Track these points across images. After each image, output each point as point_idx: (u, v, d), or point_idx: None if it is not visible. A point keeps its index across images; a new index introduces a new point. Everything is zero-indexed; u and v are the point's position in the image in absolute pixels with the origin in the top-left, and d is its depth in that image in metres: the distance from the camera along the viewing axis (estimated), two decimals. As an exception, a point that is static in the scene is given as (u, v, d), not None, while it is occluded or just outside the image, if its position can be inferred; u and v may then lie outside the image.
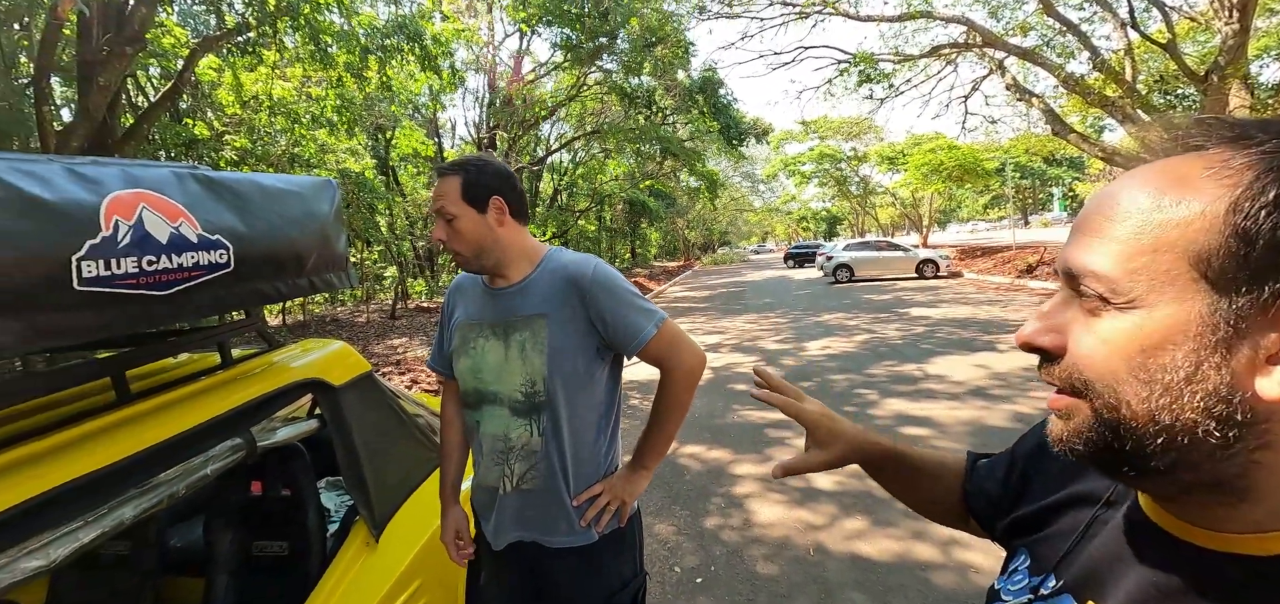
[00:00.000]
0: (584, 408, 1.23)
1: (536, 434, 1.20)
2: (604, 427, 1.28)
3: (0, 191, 0.81)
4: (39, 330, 0.85)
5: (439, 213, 1.19)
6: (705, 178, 26.23)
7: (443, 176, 1.21)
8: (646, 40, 16.94)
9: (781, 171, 37.78)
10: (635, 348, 1.21)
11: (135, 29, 7.19)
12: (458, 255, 1.21)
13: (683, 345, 1.26)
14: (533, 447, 1.21)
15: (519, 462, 1.22)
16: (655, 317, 1.24)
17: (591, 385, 1.24)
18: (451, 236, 1.19)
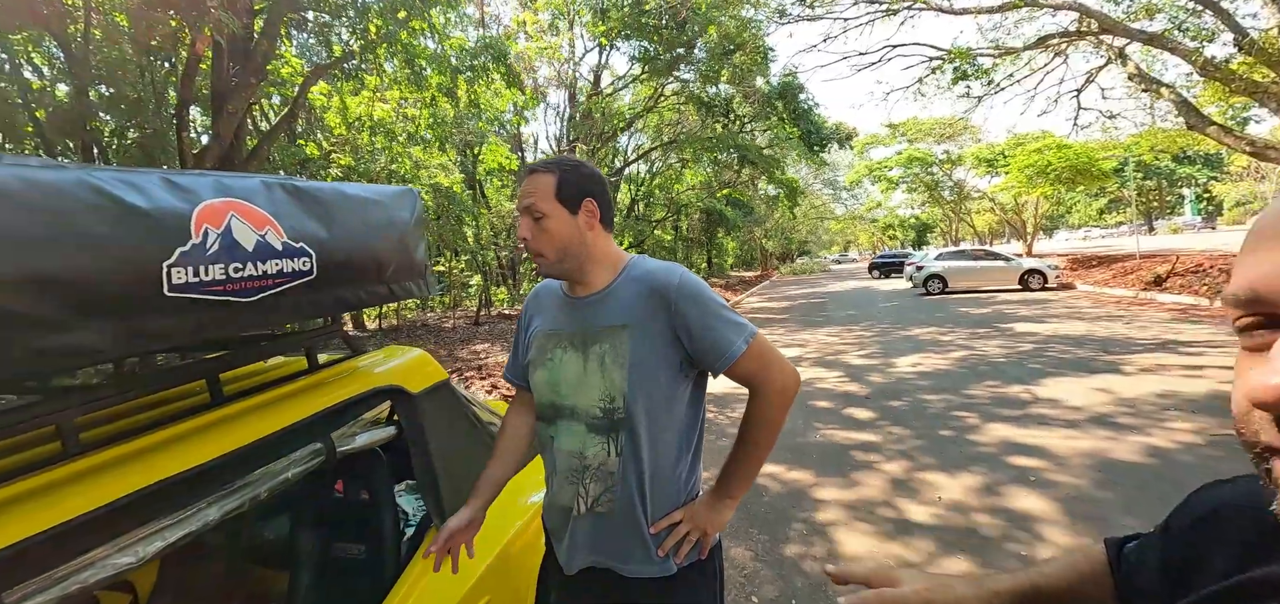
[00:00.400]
0: (665, 427, 1.15)
1: (614, 453, 1.13)
2: (686, 448, 1.19)
3: (100, 199, 0.84)
4: (132, 334, 0.88)
5: (527, 210, 1.13)
6: (784, 185, 25.59)
7: (535, 174, 1.15)
8: (724, 48, 16.80)
9: (866, 177, 36.17)
10: (723, 364, 1.11)
11: (258, 62, 7.97)
12: (539, 257, 1.16)
13: (775, 363, 1.15)
14: (609, 467, 1.14)
15: (594, 482, 1.15)
16: (745, 331, 1.13)
17: (673, 403, 1.15)
18: (537, 236, 1.13)
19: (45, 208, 0.78)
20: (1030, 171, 21.08)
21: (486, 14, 17.21)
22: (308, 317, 1.19)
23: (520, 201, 1.14)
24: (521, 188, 1.16)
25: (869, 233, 66.93)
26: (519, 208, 1.15)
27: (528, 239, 1.14)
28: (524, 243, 1.15)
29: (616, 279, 1.19)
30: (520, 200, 1.14)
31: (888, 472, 3.78)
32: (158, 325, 0.90)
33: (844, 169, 42.31)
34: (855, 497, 3.45)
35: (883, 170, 33.66)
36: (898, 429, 4.64)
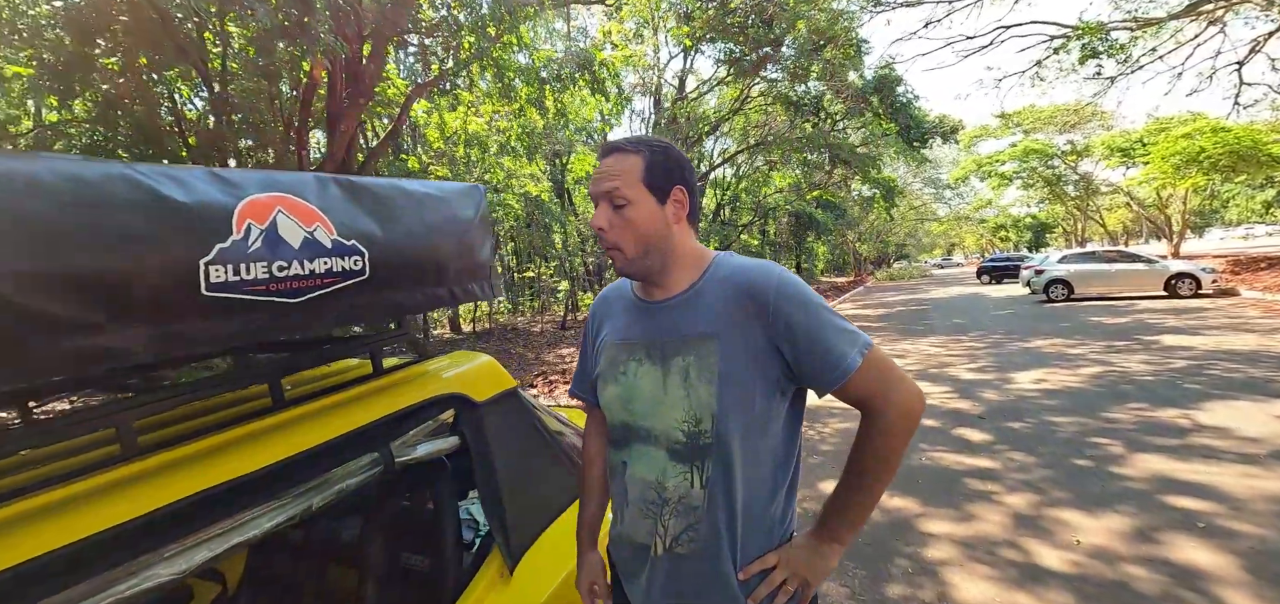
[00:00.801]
0: (759, 455, 0.97)
1: (698, 485, 0.96)
2: (781, 480, 1.00)
3: (135, 193, 0.79)
4: (167, 337, 0.82)
5: (607, 196, 0.98)
6: (880, 185, 24.13)
7: (620, 153, 0.99)
8: (814, 43, 16.10)
9: (973, 174, 33.34)
10: (834, 382, 0.92)
11: (367, 84, 8.59)
12: (615, 252, 1.00)
13: (896, 380, 0.94)
14: (693, 501, 0.97)
15: (675, 518, 0.99)
16: (859, 341, 0.93)
17: (769, 426, 0.97)
18: (616, 226, 0.98)
19: (76, 201, 0.74)
20: (1177, 160, 18.40)
21: (573, 28, 17.66)
22: (360, 321, 1.11)
23: (597, 184, 0.99)
24: (600, 168, 0.99)
25: (976, 235, 61.67)
26: (595, 192, 0.99)
27: (604, 230, 0.98)
28: (599, 234, 0.99)
29: (701, 279, 1.02)
30: (597, 183, 0.99)
31: (1010, 505, 3.30)
32: (195, 328, 0.85)
33: (948, 166, 39.32)
34: (971, 532, 3.03)
35: (993, 165, 30.85)
36: (1020, 455, 4.07)
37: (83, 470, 0.90)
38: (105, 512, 0.85)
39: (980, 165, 31.98)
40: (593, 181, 1.00)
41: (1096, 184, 31.52)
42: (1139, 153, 21.71)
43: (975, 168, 32.47)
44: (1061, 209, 36.47)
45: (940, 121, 21.61)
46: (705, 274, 1.03)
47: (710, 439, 0.94)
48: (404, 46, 9.59)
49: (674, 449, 0.98)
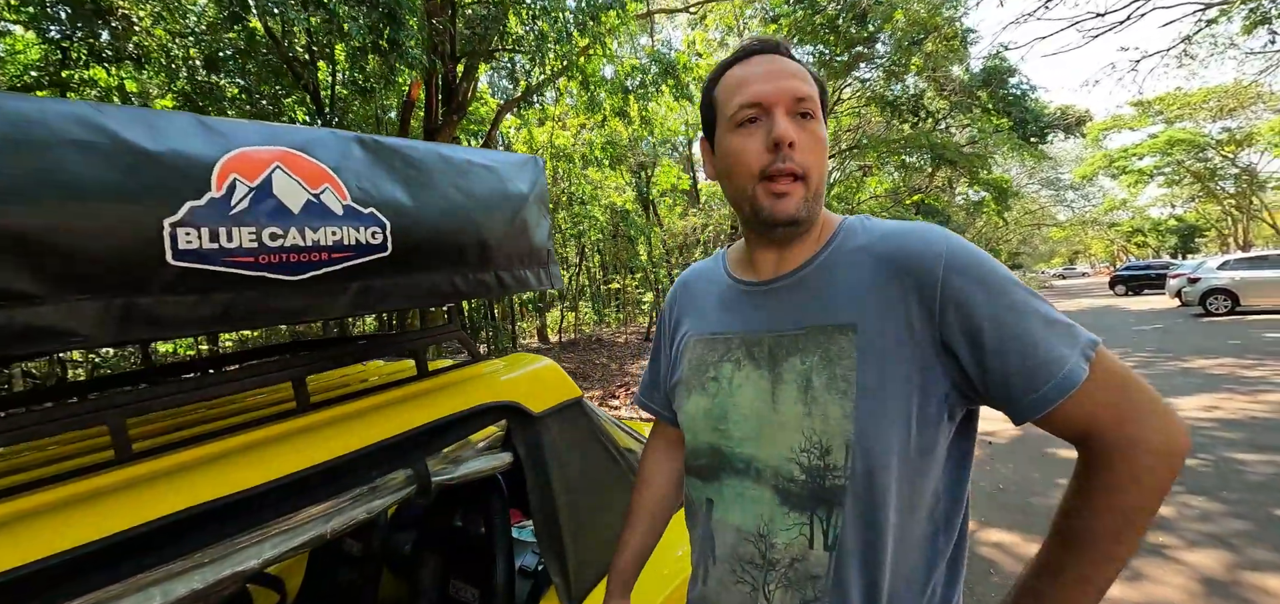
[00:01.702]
0: (914, 508, 0.66)
1: (823, 544, 0.66)
2: (943, 548, 0.68)
3: (88, 135, 0.63)
4: (123, 315, 0.65)
5: (797, 102, 0.68)
6: (990, 187, 22.03)
7: (782, 55, 0.71)
8: (912, 37, 15.03)
9: (1102, 171, 29.74)
10: (1043, 402, 0.60)
11: (459, 101, 8.96)
12: (795, 182, 0.68)
13: (1146, 402, 0.60)
14: (813, 566, 0.67)
15: (785, 588, 0.69)
16: (1081, 339, 0.61)
17: (929, 466, 0.65)
18: (805, 146, 0.68)
19: (14, 142, 0.58)
20: (1379, 144, 15.27)
21: (658, 40, 17.68)
22: (379, 305, 0.92)
23: (773, 82, 0.68)
24: (769, 66, 0.70)
25: (1105, 240, 54.90)
26: (772, 91, 0.68)
27: (794, 145, 0.67)
28: (784, 152, 0.67)
29: (827, 249, 0.73)
30: (773, 80, 0.68)
31: (1193, 564, 2.63)
32: (159, 304, 0.67)
33: (1070, 164, 35.40)
34: (1143, 598, 2.42)
35: (1128, 160, 27.35)
36: (1199, 501, 3.30)
37: (68, 475, 0.77)
38: (89, 522, 0.70)
39: (1111, 161, 28.43)
40: (765, 79, 0.69)
41: (1263, 177, 27.02)
42: (1323, 138, 18.32)
43: (1105, 164, 28.91)
44: (1216, 208, 31.64)
45: (1062, 113, 19.47)
46: (832, 242, 0.73)
47: (842, 479, 0.64)
48: (495, 65, 9.93)
49: (787, 491, 0.69)
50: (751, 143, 0.69)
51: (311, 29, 5.37)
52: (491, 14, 7.11)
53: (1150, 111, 25.16)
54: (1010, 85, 17.35)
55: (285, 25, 6.38)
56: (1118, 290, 24.06)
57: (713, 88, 0.76)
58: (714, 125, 0.76)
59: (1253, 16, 10.80)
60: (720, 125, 0.74)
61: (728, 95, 0.72)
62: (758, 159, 0.68)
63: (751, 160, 0.69)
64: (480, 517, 1.42)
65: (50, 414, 0.76)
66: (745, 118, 0.69)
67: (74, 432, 1.00)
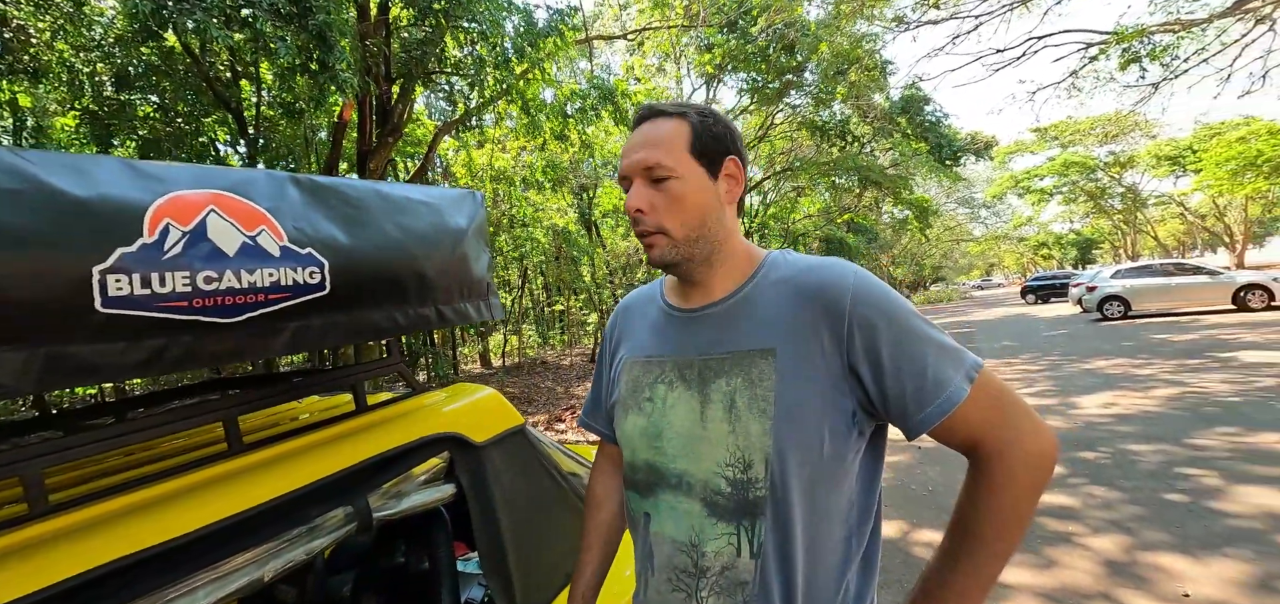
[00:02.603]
0: (828, 516, 0.73)
1: (749, 552, 0.73)
2: (855, 550, 0.76)
3: (11, 183, 0.62)
4: (49, 363, 0.64)
5: (645, 171, 0.77)
6: (913, 206, 23.52)
7: (656, 119, 0.80)
8: (838, 67, 15.93)
9: (1010, 191, 32.32)
10: (932, 416, 0.69)
11: (395, 122, 8.74)
12: (656, 236, 0.78)
13: (1019, 415, 0.70)
14: (741, 573, 0.73)
15: (716, 596, 0.75)
16: (966, 362, 0.70)
17: (841, 477, 0.73)
18: (657, 205, 0.77)
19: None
20: (1233, 165, 17.42)
21: (597, 65, 17.93)
22: (319, 344, 0.92)
23: (630, 156, 0.78)
24: (634, 138, 0.80)
25: (1016, 254, 59.65)
26: (627, 166, 0.79)
27: (643, 212, 0.77)
28: (635, 217, 0.78)
29: (751, 281, 0.81)
30: (630, 155, 0.79)
31: (1097, 549, 2.89)
32: (87, 352, 0.67)
33: (982, 184, 38.26)
34: (1055, 583, 2.64)
35: (1031, 181, 29.87)
36: (1101, 490, 3.64)
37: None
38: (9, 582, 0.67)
39: (1017, 181, 30.97)
40: (624, 155, 0.80)
41: (1144, 196, 30.15)
42: (1190, 161, 20.71)
43: (1012, 184, 31.46)
44: (1107, 224, 34.97)
45: (972, 138, 21.06)
46: (756, 274, 0.81)
47: (763, 490, 0.71)
48: (433, 87, 9.78)
49: (714, 503, 0.75)
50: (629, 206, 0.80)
51: (235, 47, 5.14)
52: (428, 36, 7.03)
53: (1047, 137, 27.68)
54: (926, 112, 18.67)
55: (205, 42, 6.06)
56: (1028, 299, 26.10)
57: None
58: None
59: (1126, 55, 12.16)
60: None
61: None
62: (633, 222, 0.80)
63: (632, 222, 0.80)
64: (424, 551, 1.41)
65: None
66: (624, 187, 0.81)
67: None
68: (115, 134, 6.11)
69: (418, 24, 7.44)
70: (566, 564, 1.38)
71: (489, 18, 6.56)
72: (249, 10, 4.08)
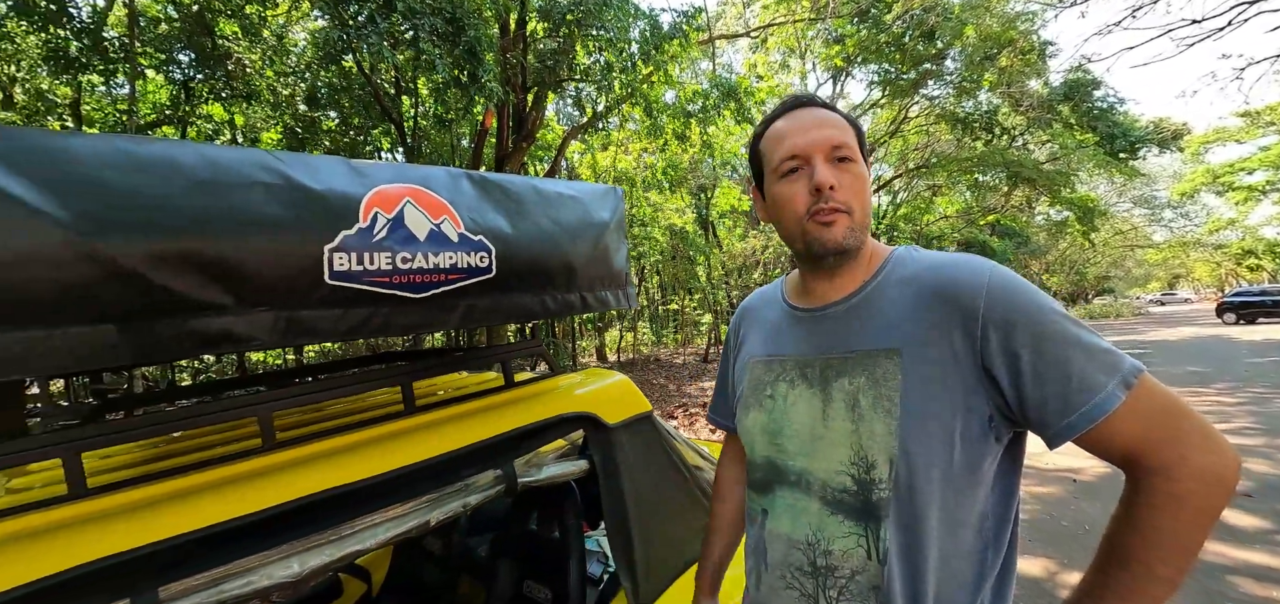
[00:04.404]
0: (960, 525, 0.69)
1: (874, 554, 0.71)
2: (990, 565, 0.71)
3: (269, 177, 0.78)
4: (290, 325, 0.79)
5: (832, 149, 0.75)
6: (1073, 206, 20.69)
7: (816, 107, 0.79)
8: (985, 52, 14.46)
9: (1205, 187, 27.30)
10: (1078, 425, 0.63)
11: (528, 129, 9.39)
12: (839, 214, 0.75)
13: (1189, 428, 0.62)
14: (872, 577, 0.71)
15: (848, 598, 0.73)
16: (1123, 367, 0.64)
17: (976, 485, 0.69)
18: (847, 185, 0.75)
19: (212, 182, 0.73)
20: None
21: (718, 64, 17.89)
22: (484, 322, 1.04)
23: (814, 132, 0.76)
24: (802, 119, 0.78)
25: (1211, 264, 50.05)
26: (811, 141, 0.76)
27: (834, 187, 0.74)
28: (825, 193, 0.74)
29: (876, 277, 0.78)
30: (813, 131, 0.76)
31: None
32: (317, 317, 0.81)
33: (1167, 180, 32.75)
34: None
35: (1235, 176, 25.01)
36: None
37: (223, 459, 0.91)
38: (242, 499, 0.84)
39: (1215, 176, 26.10)
40: (801, 131, 0.77)
41: (1405, 194, 24.02)
42: None
43: (1207, 180, 26.57)
44: (1347, 229, 28.35)
45: (1156, 127, 18.13)
46: (881, 272, 0.79)
47: (886, 491, 0.69)
48: (562, 94, 10.37)
49: (839, 501, 0.74)
50: (796, 189, 0.76)
51: (398, 66, 5.84)
52: (560, 46, 7.45)
53: (1260, 122, 22.97)
54: (1094, 98, 16.35)
55: (374, 62, 6.95)
56: (1227, 318, 21.86)
57: (758, 142, 0.85)
58: (763, 175, 0.84)
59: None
60: (767, 175, 0.82)
61: (772, 148, 0.81)
62: (803, 203, 0.76)
63: (798, 205, 0.76)
64: (555, 521, 1.52)
65: (208, 407, 0.91)
66: (788, 168, 0.77)
67: (228, 422, 1.17)
68: (307, 145, 7.23)
69: (551, 35, 7.93)
70: (687, 550, 1.42)
71: (617, 24, 6.82)
72: (412, 31, 4.61)
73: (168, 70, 7.48)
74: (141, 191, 0.67)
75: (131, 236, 0.66)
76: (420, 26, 4.48)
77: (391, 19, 4.48)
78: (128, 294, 0.66)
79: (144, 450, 1.08)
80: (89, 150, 0.65)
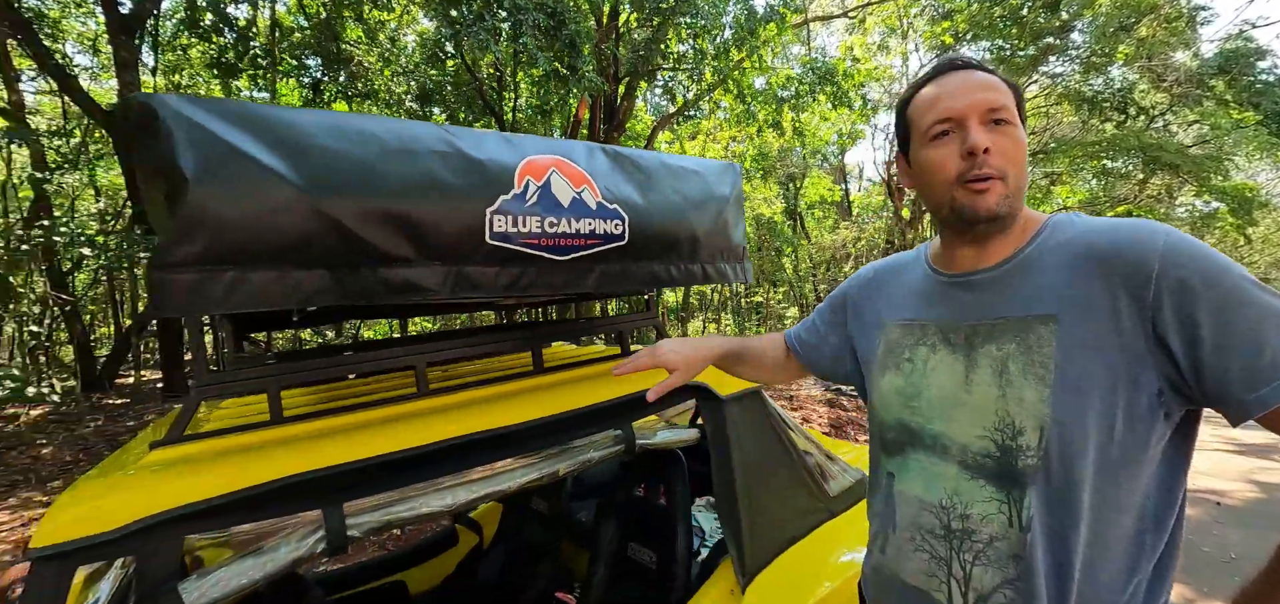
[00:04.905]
0: (1119, 503, 0.66)
1: (1017, 522, 0.68)
2: (1147, 551, 0.67)
3: (445, 147, 0.87)
4: (457, 278, 0.88)
5: (989, 111, 0.72)
6: (1227, 196, 18.06)
7: (970, 70, 0.76)
8: (1121, 22, 12.93)
9: None
10: (1269, 398, 0.58)
11: (620, 118, 9.57)
12: (994, 181, 0.71)
13: None
14: (1013, 545, 0.69)
15: (985, 566, 0.71)
16: None
17: (1138, 463, 0.65)
18: (1003, 150, 0.71)
19: (398, 149, 0.83)
20: None
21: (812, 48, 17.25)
22: (617, 287, 1.10)
23: (965, 95, 0.73)
24: (954, 82, 0.75)
25: None
26: (964, 105, 0.72)
27: (988, 151, 0.70)
28: (978, 158, 0.71)
29: (1032, 244, 0.74)
30: (964, 94, 0.73)
31: None
32: (478, 273, 0.90)
33: (1354, 167, 27.74)
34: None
35: None
36: None
37: (386, 400, 1.04)
38: (403, 436, 0.95)
39: None
40: (954, 94, 0.74)
41: None
42: None
43: None
44: None
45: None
46: (1037, 238, 0.74)
47: (1034, 460, 0.66)
48: (653, 84, 10.46)
49: (981, 465, 0.71)
50: (946, 153, 0.73)
51: (500, 59, 6.14)
52: (652, 35, 7.52)
53: None
54: (1258, 71, 14.14)
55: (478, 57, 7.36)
56: None
57: (906, 107, 0.82)
58: (909, 141, 0.81)
59: None
60: (915, 140, 0.79)
61: (921, 113, 0.77)
62: (955, 167, 0.73)
63: (948, 170, 0.73)
64: (660, 488, 1.57)
65: (376, 355, 1.03)
66: (939, 132, 0.74)
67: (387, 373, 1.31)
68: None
69: (644, 24, 8.01)
70: (790, 528, 1.43)
71: (710, 11, 6.78)
72: (516, 26, 4.84)
73: (298, 75, 8.33)
74: (350, 157, 0.78)
75: (343, 195, 0.76)
76: (524, 22, 4.69)
77: (496, 16, 4.73)
78: (338, 244, 0.77)
79: (320, 395, 1.24)
80: (313, 122, 0.76)
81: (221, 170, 0.69)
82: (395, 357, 1.08)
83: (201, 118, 0.69)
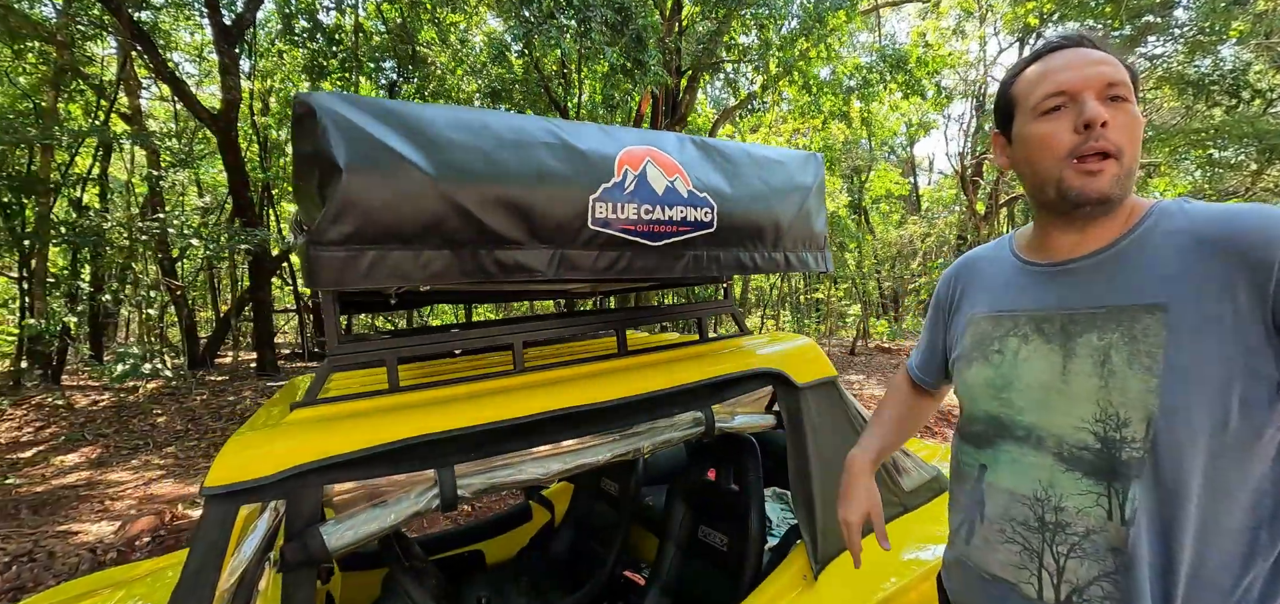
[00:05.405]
0: (1232, 496, 0.64)
1: (1120, 517, 0.67)
2: (1263, 543, 0.64)
3: (551, 138, 0.94)
4: (561, 261, 0.95)
5: (1108, 86, 0.69)
6: (1363, 189, 16.03)
7: (1086, 46, 0.72)
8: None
9: None
10: None
11: (681, 112, 9.58)
12: (1108, 161, 0.69)
13: None
14: (1112, 539, 0.68)
15: (1081, 559, 0.70)
16: None
17: (1253, 455, 0.63)
18: (1120, 126, 0.69)
19: (512, 140, 0.90)
20: None
21: (882, 34, 16.58)
22: (705, 273, 1.14)
23: (1082, 70, 0.70)
24: (1070, 57, 0.72)
25: None
26: (1081, 79, 0.70)
27: (1105, 124, 0.68)
28: (1094, 130, 0.68)
29: (1135, 231, 0.72)
30: (1080, 68, 0.70)
31: None
32: (580, 256, 0.96)
33: None
34: None
35: None
36: None
37: (485, 376, 1.12)
38: (503, 408, 1.03)
39: None
40: (1070, 67, 0.71)
41: None
42: None
43: None
44: None
45: None
46: (1141, 224, 0.72)
47: (1139, 452, 0.65)
48: (714, 77, 10.40)
49: (1078, 458, 0.70)
50: (1058, 127, 0.71)
51: (565, 54, 6.29)
52: (716, 27, 7.48)
53: None
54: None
55: (544, 52, 7.56)
56: None
57: (1011, 84, 0.79)
58: (1011, 119, 0.79)
59: None
60: (1020, 116, 0.76)
61: (1029, 88, 0.75)
62: (1066, 141, 0.70)
63: (1060, 143, 0.70)
64: (730, 473, 1.60)
65: (479, 333, 1.12)
66: (1050, 106, 0.71)
67: (485, 354, 1.41)
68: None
69: (707, 17, 7.97)
70: None
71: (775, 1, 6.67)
72: (584, 23, 4.95)
73: (375, 77, 8.83)
74: (472, 148, 0.85)
75: (466, 183, 0.84)
76: (592, 18, 4.79)
77: (566, 12, 4.85)
78: (462, 227, 0.85)
79: (424, 371, 1.35)
80: (438, 116, 0.85)
81: (368, 160, 0.77)
82: (495, 336, 1.16)
83: (351, 114, 0.78)
